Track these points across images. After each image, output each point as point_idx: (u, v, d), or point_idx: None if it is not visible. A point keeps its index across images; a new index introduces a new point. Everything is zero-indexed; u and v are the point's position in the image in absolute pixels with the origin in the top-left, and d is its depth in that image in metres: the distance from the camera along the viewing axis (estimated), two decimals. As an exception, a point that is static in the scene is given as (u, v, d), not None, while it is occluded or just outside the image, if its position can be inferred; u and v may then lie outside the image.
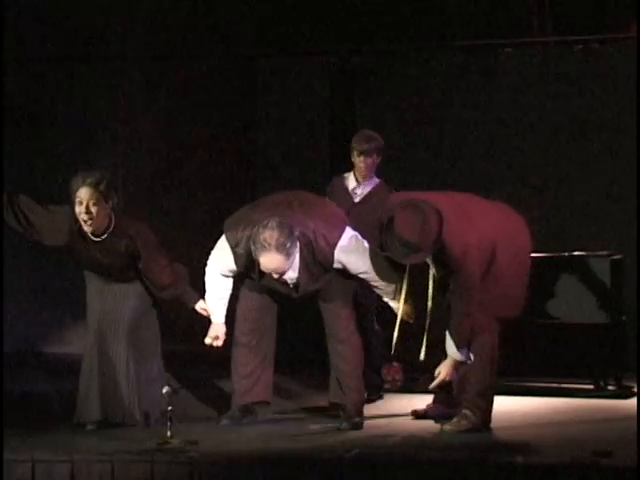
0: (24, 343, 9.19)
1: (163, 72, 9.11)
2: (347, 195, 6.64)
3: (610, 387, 7.03)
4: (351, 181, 6.69)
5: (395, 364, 7.45)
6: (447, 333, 5.74)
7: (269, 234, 5.58)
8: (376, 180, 6.70)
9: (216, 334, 5.99)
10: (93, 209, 5.69)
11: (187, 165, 9.19)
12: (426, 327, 5.87)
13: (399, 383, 7.41)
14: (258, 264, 5.73)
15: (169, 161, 9.12)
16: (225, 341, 6.07)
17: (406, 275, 5.89)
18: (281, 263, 5.64)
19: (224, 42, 9.34)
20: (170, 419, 5.39)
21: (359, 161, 6.60)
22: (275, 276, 5.73)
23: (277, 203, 5.92)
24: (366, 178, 6.63)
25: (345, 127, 8.52)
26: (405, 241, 5.55)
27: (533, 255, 6.11)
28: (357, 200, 6.64)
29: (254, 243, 5.63)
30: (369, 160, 6.59)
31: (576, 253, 7.28)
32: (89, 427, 5.89)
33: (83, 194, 5.68)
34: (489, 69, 8.40)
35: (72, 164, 6.06)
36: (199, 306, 6.01)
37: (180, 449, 5.29)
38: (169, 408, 5.45)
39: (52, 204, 5.92)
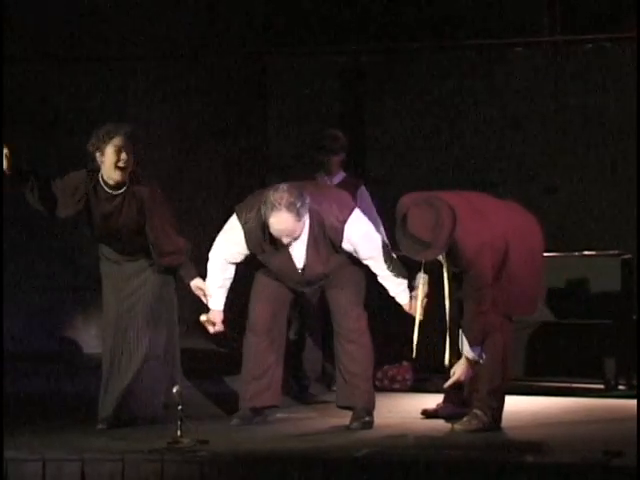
0: (36, 342, 9.22)
1: (173, 71, 9.11)
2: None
3: (621, 387, 7.03)
4: (321, 178, 7.19)
5: (405, 363, 7.45)
6: (461, 332, 5.74)
7: (280, 195, 5.69)
8: (343, 174, 7.24)
9: (213, 320, 5.99)
10: (128, 157, 5.83)
11: (197, 165, 9.20)
12: (447, 328, 5.87)
13: (409, 383, 7.41)
14: (269, 234, 5.76)
15: (179, 160, 9.13)
16: (224, 333, 6.07)
17: (422, 272, 5.88)
18: (290, 223, 5.69)
19: (234, 41, 9.34)
20: (180, 418, 5.39)
21: (327, 159, 7.17)
22: (285, 240, 5.75)
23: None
24: (333, 173, 7.19)
25: (354, 126, 8.52)
26: (417, 238, 5.55)
27: (544, 255, 6.10)
28: None
29: (265, 205, 5.71)
30: (336, 158, 7.18)
31: (586, 252, 7.27)
32: (100, 426, 5.90)
33: (121, 142, 5.82)
34: (499, 68, 8.39)
35: (83, 164, 6.08)
36: (195, 284, 6.00)
37: (191, 449, 5.29)
38: (179, 407, 5.44)
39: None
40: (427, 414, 6.19)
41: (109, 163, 5.83)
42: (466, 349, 5.74)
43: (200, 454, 5.21)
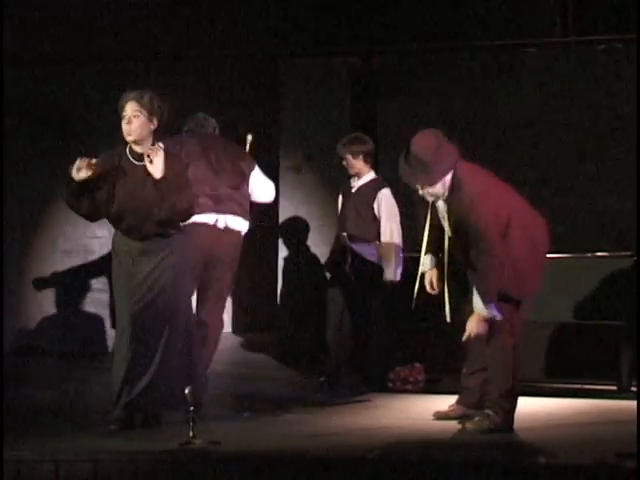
0: (47, 342, 9.25)
1: (184, 73, 9.13)
2: (349, 188, 7.60)
3: (633, 388, 7.01)
4: (353, 177, 7.57)
5: (417, 365, 7.46)
6: (474, 290, 5.68)
7: None
8: (370, 176, 7.51)
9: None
10: (134, 121, 5.84)
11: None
12: (445, 283, 5.83)
13: (421, 384, 7.41)
14: None
15: (190, 162, 9.13)
16: None
17: (427, 225, 5.88)
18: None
19: (245, 42, 9.35)
20: (193, 419, 5.39)
21: (345, 160, 7.48)
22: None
23: None
24: (358, 175, 7.50)
25: (366, 127, 8.52)
26: (418, 158, 5.58)
27: (557, 256, 6.09)
28: (353, 191, 7.55)
29: None
30: (353, 161, 7.46)
31: (599, 254, 7.26)
32: (112, 427, 5.90)
33: (126, 107, 5.86)
34: (511, 69, 8.38)
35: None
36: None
37: (203, 449, 5.29)
38: (191, 408, 5.45)
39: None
40: (439, 416, 6.19)
41: (123, 129, 5.88)
42: (479, 307, 5.67)
43: (212, 455, 5.21)
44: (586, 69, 8.19)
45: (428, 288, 6.04)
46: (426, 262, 6.04)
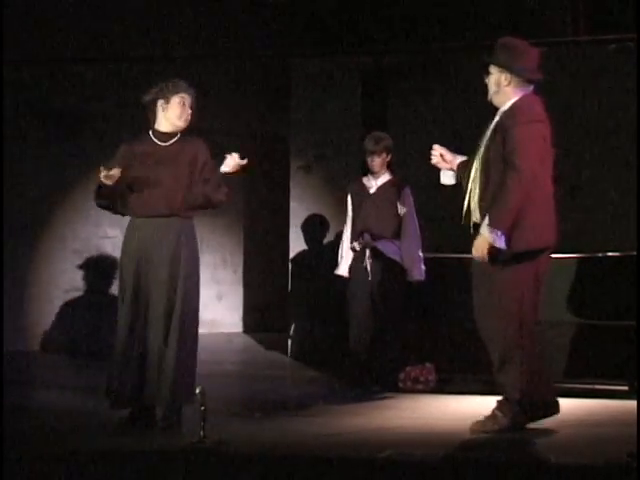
0: (56, 341, 9.28)
1: (196, 74, 9.14)
2: (363, 188, 7.62)
3: (645, 388, 6.99)
4: (367, 177, 7.65)
5: (427, 365, 7.45)
6: (486, 217, 5.55)
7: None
8: (388, 176, 7.60)
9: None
10: (188, 109, 6.08)
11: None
12: (469, 190, 5.73)
13: (432, 384, 7.41)
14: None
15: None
16: None
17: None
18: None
19: (256, 43, 9.37)
20: (204, 418, 5.40)
21: (370, 160, 7.55)
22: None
23: None
24: (378, 174, 7.57)
25: (377, 127, 8.51)
26: (510, 43, 5.75)
27: (568, 256, 6.06)
28: (372, 191, 7.58)
29: None
30: (378, 159, 7.52)
31: (610, 254, 7.24)
32: (119, 426, 5.90)
33: (184, 94, 6.07)
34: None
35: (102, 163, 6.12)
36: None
37: (213, 448, 5.30)
38: (202, 408, 5.45)
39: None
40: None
41: (173, 113, 6.01)
42: (487, 230, 5.55)
43: (223, 454, 5.21)
44: (597, 68, 8.17)
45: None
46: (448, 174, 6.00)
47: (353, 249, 7.49)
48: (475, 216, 5.70)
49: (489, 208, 5.58)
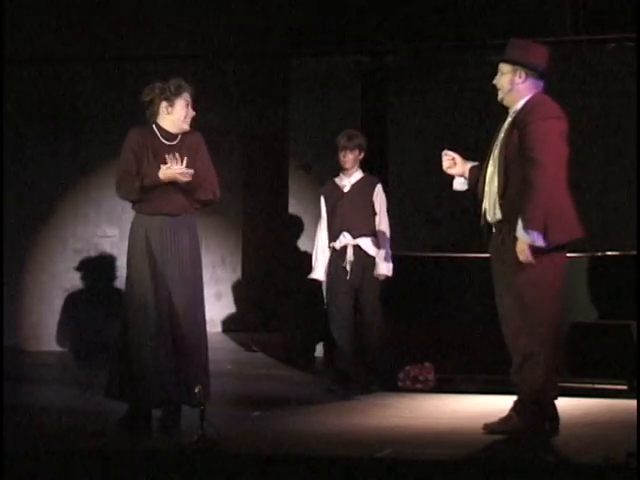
0: (57, 341, 9.28)
1: (195, 72, 9.14)
2: (336, 188, 7.53)
3: (645, 388, 6.99)
4: (339, 177, 7.54)
5: (427, 364, 7.45)
6: (519, 219, 5.55)
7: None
8: (360, 173, 7.52)
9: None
10: (191, 109, 6.13)
11: (220, 166, 9.23)
12: (485, 192, 5.75)
13: (431, 383, 7.40)
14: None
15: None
16: None
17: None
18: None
19: (256, 42, 9.36)
20: (202, 418, 5.40)
21: (342, 155, 7.45)
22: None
23: None
24: (350, 171, 7.49)
25: (377, 126, 8.52)
26: (520, 40, 5.83)
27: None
28: (346, 190, 7.50)
29: None
30: (350, 155, 7.43)
31: (610, 253, 7.24)
32: (120, 426, 5.89)
33: (187, 96, 6.13)
34: (522, 68, 8.35)
35: (106, 164, 6.12)
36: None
37: (212, 448, 5.30)
38: (201, 407, 5.45)
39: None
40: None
41: (178, 115, 6.05)
42: (521, 233, 5.55)
43: (222, 453, 5.21)
44: (596, 67, 8.17)
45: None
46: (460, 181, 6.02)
47: (333, 249, 7.44)
48: (495, 215, 5.70)
49: (520, 212, 5.55)
